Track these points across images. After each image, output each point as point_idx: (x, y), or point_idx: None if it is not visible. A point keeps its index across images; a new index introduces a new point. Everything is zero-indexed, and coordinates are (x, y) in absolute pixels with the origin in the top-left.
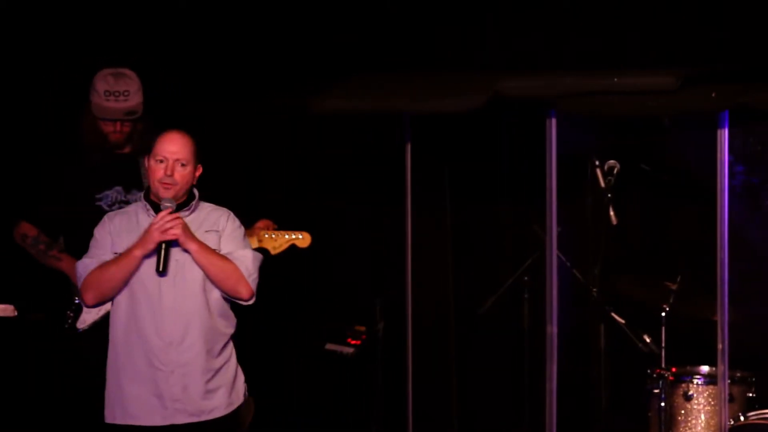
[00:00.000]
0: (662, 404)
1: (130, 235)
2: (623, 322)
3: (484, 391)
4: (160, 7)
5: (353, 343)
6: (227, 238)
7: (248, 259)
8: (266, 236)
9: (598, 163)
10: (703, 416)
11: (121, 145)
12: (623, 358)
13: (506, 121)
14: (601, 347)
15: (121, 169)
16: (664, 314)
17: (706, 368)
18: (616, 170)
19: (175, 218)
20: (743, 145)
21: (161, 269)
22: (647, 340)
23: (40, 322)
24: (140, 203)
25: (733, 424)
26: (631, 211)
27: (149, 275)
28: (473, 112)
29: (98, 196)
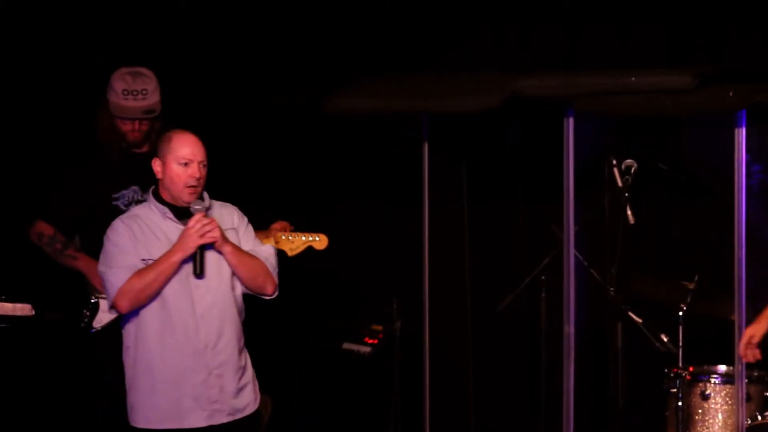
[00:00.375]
0: (679, 403)
1: (156, 240)
2: (640, 321)
3: (500, 390)
4: (163, 8)
5: (370, 342)
6: (244, 235)
7: (271, 254)
8: (283, 238)
9: (615, 162)
10: (720, 415)
11: (139, 143)
12: (640, 357)
13: (523, 120)
14: (618, 346)
15: (138, 168)
16: (681, 313)
17: (723, 367)
18: (633, 169)
19: (211, 221)
20: (760, 144)
21: (199, 272)
22: (664, 339)
23: (57, 321)
24: (146, 206)
25: (750, 423)
26: (648, 210)
27: (181, 279)
28: (490, 111)
29: (115, 195)
